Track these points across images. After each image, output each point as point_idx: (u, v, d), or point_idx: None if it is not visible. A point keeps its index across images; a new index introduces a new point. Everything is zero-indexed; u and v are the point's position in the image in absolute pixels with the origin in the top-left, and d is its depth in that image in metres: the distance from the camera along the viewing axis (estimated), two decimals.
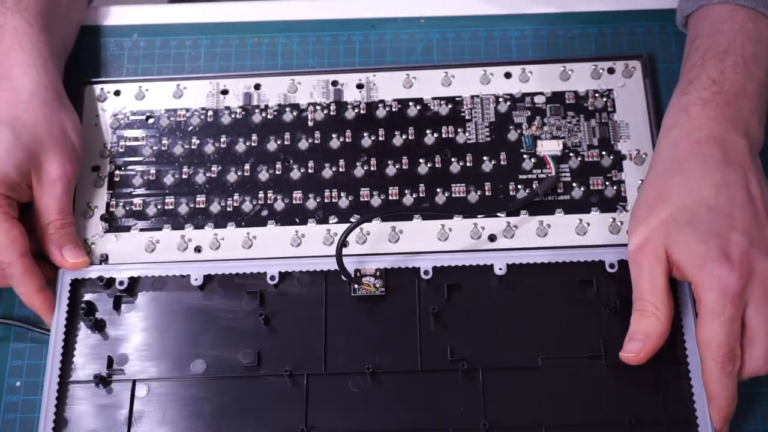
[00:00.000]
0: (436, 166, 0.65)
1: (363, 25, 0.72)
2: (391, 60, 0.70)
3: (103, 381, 0.59)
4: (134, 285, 0.62)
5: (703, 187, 0.57)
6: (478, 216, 0.63)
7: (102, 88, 0.68)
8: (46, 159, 0.61)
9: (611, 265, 0.61)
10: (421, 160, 0.65)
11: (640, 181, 0.64)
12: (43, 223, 0.61)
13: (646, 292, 0.56)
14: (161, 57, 0.71)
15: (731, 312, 0.54)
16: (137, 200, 0.65)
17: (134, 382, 0.60)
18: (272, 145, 0.66)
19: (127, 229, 0.64)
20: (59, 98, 0.63)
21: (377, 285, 0.61)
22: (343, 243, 0.58)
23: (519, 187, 0.64)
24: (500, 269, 0.61)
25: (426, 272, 0.61)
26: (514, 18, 0.71)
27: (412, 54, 0.70)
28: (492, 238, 0.63)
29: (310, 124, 0.67)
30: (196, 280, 0.61)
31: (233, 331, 0.60)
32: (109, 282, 0.62)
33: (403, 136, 0.66)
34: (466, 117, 0.66)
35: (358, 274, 0.61)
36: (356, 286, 0.61)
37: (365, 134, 0.66)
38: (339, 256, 0.58)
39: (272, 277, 0.61)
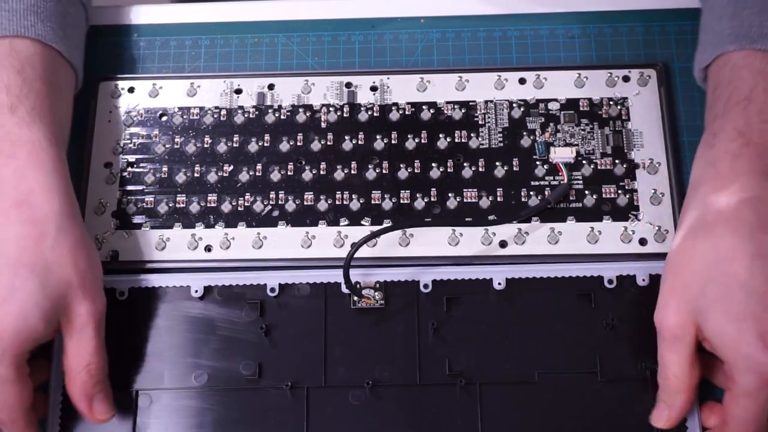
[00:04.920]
0: (449, 170, 0.65)
1: (363, 25, 0.71)
2: (391, 60, 0.70)
3: None
4: (134, 295, 0.62)
5: (735, 258, 0.52)
6: (491, 225, 0.63)
7: (116, 85, 0.68)
8: (75, 301, 0.55)
9: (609, 281, 0.61)
10: (433, 164, 0.65)
11: (653, 191, 0.64)
12: (76, 366, 0.56)
13: (667, 364, 0.55)
14: (161, 57, 0.70)
15: (766, 395, 0.52)
16: (149, 198, 0.65)
17: (137, 392, 0.60)
18: (285, 146, 0.66)
19: (138, 226, 0.64)
20: (80, 226, 0.57)
21: (377, 297, 0.61)
22: (351, 258, 0.59)
23: (531, 193, 0.64)
24: (499, 284, 0.61)
25: (426, 285, 0.61)
26: (514, 18, 0.71)
27: (412, 54, 0.70)
28: (503, 244, 0.63)
29: (323, 125, 0.67)
30: (196, 291, 0.62)
31: (234, 341, 0.61)
32: (110, 292, 0.61)
33: (416, 140, 0.66)
34: (480, 122, 0.66)
35: (358, 285, 0.61)
36: (356, 298, 0.61)
37: (378, 137, 0.66)
38: (347, 270, 0.59)
39: (272, 289, 0.61)
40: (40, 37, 0.60)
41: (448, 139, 0.66)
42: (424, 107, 0.67)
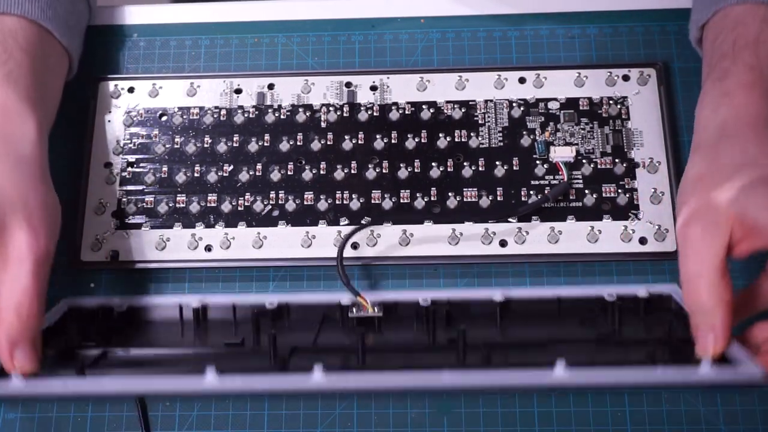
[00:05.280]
0: (449, 169, 0.65)
1: (363, 25, 0.72)
2: (391, 60, 0.70)
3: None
4: (133, 311, 0.60)
5: (761, 154, 0.53)
6: (489, 221, 0.63)
7: (116, 85, 0.68)
8: (15, 229, 0.52)
9: (609, 294, 0.58)
10: (433, 164, 0.65)
11: (653, 190, 0.64)
12: (5, 304, 0.51)
13: (695, 278, 0.51)
14: (161, 57, 0.71)
15: None
16: (149, 198, 0.65)
17: (105, 351, 0.56)
18: (285, 146, 0.66)
19: (138, 226, 0.64)
20: (44, 177, 0.57)
21: (376, 309, 0.58)
22: (344, 246, 0.59)
23: (531, 192, 0.64)
24: (499, 299, 0.58)
25: (425, 300, 0.58)
26: (514, 18, 0.71)
27: (412, 54, 0.70)
28: (503, 243, 0.63)
29: (323, 125, 0.67)
30: (191, 306, 0.59)
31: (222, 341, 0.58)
32: (108, 310, 0.59)
33: (416, 139, 0.66)
34: (480, 121, 0.66)
35: (358, 295, 0.58)
36: (354, 309, 0.58)
37: (378, 136, 0.66)
38: (340, 257, 0.58)
39: (271, 303, 0.58)
40: (26, 14, 0.61)
41: (448, 139, 0.66)
42: (424, 107, 0.67)
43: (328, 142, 0.66)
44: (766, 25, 0.58)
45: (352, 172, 0.65)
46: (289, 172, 0.65)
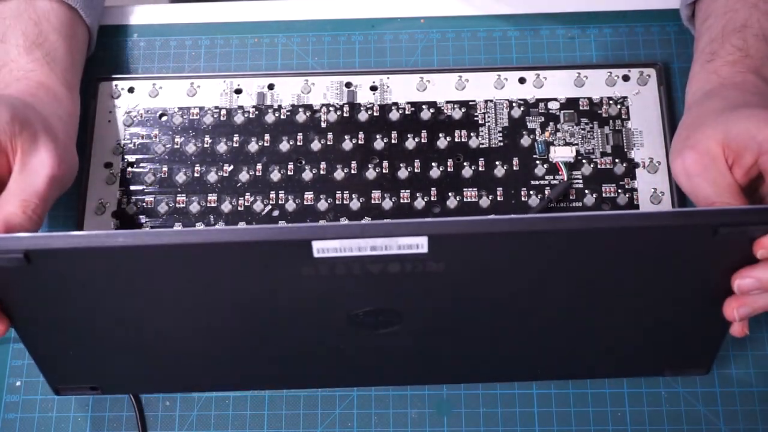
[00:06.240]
0: (449, 169, 0.65)
1: (363, 25, 0.72)
2: (391, 60, 0.70)
3: None
4: None
5: (746, 96, 0.56)
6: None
7: (116, 85, 0.68)
8: (42, 146, 0.55)
9: None
10: (433, 164, 0.65)
11: (653, 190, 0.64)
12: (17, 191, 0.53)
13: (710, 197, 0.52)
14: (161, 57, 0.71)
15: None
16: (149, 198, 0.65)
17: None
18: (285, 146, 0.66)
19: (138, 226, 0.64)
20: (73, 138, 0.61)
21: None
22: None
23: (531, 192, 0.64)
24: None
25: None
26: (514, 18, 0.71)
27: (412, 54, 0.70)
28: None
29: (323, 125, 0.67)
30: None
31: None
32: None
33: (416, 139, 0.66)
34: (480, 121, 0.66)
35: None
36: None
37: (378, 136, 0.66)
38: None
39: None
40: None
41: (448, 139, 0.66)
42: (424, 107, 0.67)
43: (328, 142, 0.66)
44: (755, 10, 0.60)
45: (352, 172, 0.65)
46: (289, 172, 0.65)
